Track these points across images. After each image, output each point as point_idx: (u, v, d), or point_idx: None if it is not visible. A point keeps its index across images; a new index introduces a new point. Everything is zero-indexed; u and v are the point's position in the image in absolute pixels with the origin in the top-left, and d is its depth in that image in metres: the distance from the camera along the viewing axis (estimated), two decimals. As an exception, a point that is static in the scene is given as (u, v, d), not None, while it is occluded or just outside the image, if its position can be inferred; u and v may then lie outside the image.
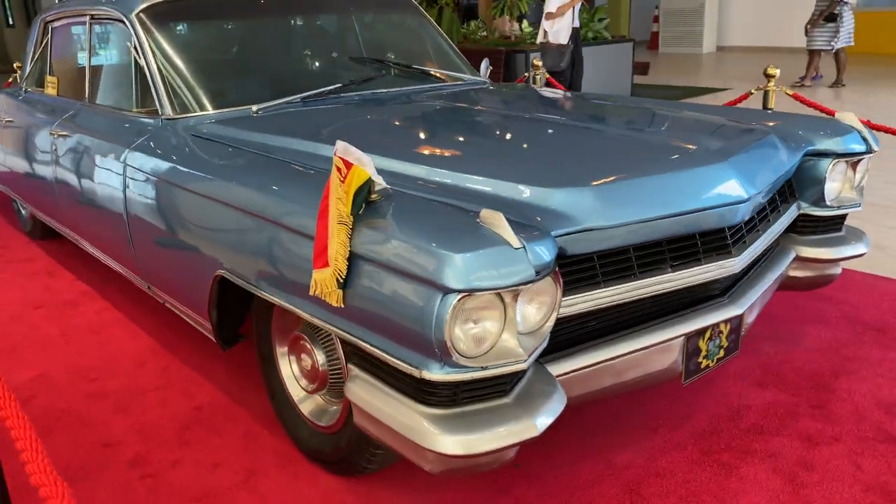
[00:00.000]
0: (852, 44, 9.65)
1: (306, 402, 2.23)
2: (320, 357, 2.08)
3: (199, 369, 2.85)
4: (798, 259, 2.52)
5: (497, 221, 1.50)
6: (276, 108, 2.72)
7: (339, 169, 1.64)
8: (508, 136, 2.39)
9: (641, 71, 9.69)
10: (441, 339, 1.47)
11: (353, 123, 2.58)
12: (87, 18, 3.41)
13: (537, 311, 1.61)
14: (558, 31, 6.53)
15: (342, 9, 3.38)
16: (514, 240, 1.48)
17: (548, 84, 4.90)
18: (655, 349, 1.95)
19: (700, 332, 2.03)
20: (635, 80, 9.51)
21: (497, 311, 1.53)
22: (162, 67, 2.81)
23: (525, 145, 2.24)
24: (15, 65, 6.30)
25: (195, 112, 2.72)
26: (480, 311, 1.51)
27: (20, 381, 2.81)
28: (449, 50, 3.58)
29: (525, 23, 8.83)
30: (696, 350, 2.06)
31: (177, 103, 2.74)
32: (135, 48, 2.90)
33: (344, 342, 1.79)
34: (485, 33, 9.19)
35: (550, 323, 1.63)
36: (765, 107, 3.84)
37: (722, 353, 2.15)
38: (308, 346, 2.11)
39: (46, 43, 3.92)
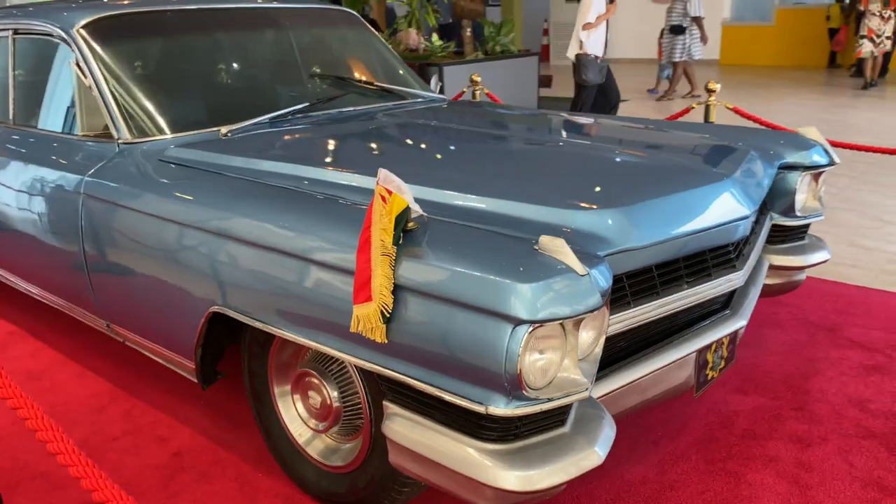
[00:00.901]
0: (700, 56, 10.34)
1: (314, 442, 2.12)
2: (333, 393, 1.98)
3: (166, 410, 2.66)
4: (770, 267, 2.63)
5: (559, 248, 1.48)
6: (244, 129, 2.58)
7: (382, 198, 1.57)
8: (513, 157, 2.36)
9: (545, 84, 9.94)
10: (513, 372, 1.42)
11: (342, 146, 2.48)
12: (9, 33, 3.13)
13: (590, 336, 1.59)
14: (595, 42, 6.25)
15: (290, 24, 3.25)
16: (579, 267, 1.46)
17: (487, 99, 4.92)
18: (674, 365, 1.98)
19: (708, 346, 2.09)
20: (540, 92, 9.75)
21: (560, 339, 1.50)
22: (114, 88, 2.61)
23: (535, 167, 2.21)
24: None
25: (156, 136, 2.54)
26: (546, 341, 1.48)
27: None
28: (399, 66, 3.52)
29: (435, 36, 8.87)
30: (704, 362, 2.11)
31: (134, 127, 2.55)
32: (78, 66, 2.67)
33: (380, 379, 1.71)
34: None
35: (600, 348, 1.62)
36: (706, 120, 4.02)
37: (723, 363, 2.21)
38: (317, 382, 2.01)
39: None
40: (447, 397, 1.54)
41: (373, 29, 3.60)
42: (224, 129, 2.55)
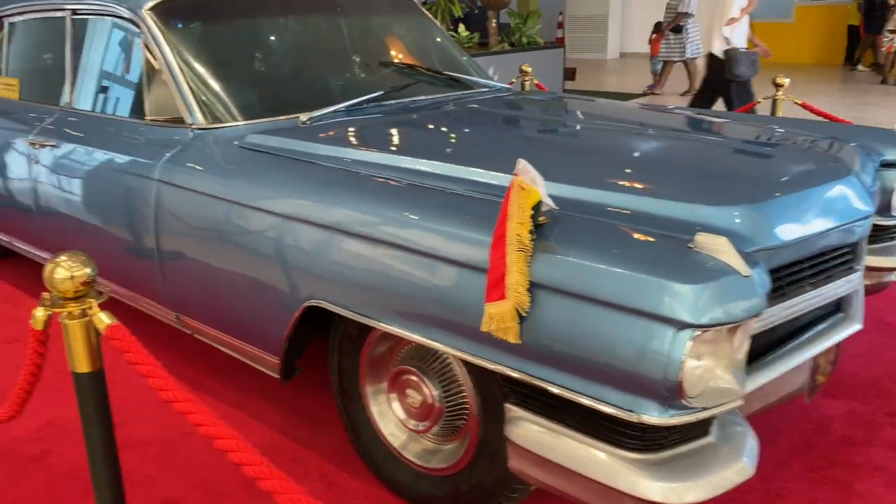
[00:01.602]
0: (701, 54, 10.15)
1: (410, 443, 2.03)
2: (435, 392, 1.89)
3: (236, 406, 2.57)
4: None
5: (721, 247, 1.39)
6: (323, 117, 2.49)
7: (522, 189, 1.48)
8: (624, 151, 2.24)
9: (569, 76, 9.83)
10: (673, 380, 1.33)
11: (436, 137, 2.39)
12: (67, 14, 3.03)
13: (740, 341, 1.50)
14: (739, 35, 6.05)
15: (357, 9, 3.15)
16: (743, 268, 1.37)
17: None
18: (794, 370, 1.89)
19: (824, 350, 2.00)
20: (564, 85, 9.64)
21: (717, 345, 1.41)
22: (186, 72, 2.51)
23: (650, 161, 2.12)
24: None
25: (231, 122, 2.45)
26: (706, 346, 1.39)
27: (28, 432, 2.43)
28: (460, 54, 3.42)
29: (462, 27, 8.76)
30: (815, 367, 2.03)
31: (208, 112, 2.45)
32: (148, 49, 2.58)
33: (504, 380, 1.62)
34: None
35: (745, 354, 1.53)
36: (772, 114, 3.92)
37: (830, 367, 2.13)
38: (417, 380, 1.92)
39: (1, 40, 3.46)
40: (588, 403, 1.45)
41: (435, 21, 3.50)
42: (303, 117, 2.46)
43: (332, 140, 2.23)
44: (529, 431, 1.59)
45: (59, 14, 3.10)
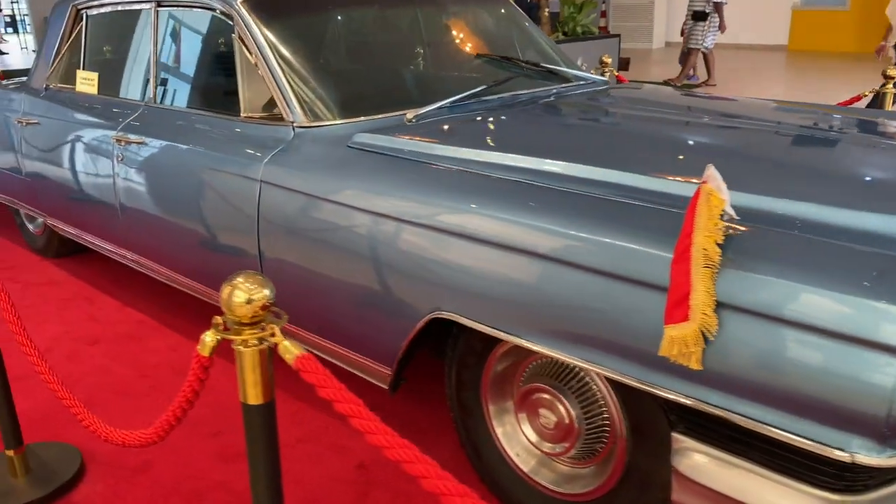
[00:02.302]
0: (712, 45, 9.72)
1: (541, 465, 1.90)
2: (574, 412, 1.76)
3: (334, 415, 2.46)
4: None
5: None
6: (429, 114, 2.36)
7: (711, 197, 1.33)
8: (792, 155, 2.03)
9: (623, 66, 9.59)
10: (897, 417, 1.18)
11: (563, 136, 2.24)
12: (152, 6, 2.93)
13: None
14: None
15: (451, 2, 3.01)
16: (978, 291, 1.21)
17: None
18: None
19: None
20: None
21: None
22: (285, 67, 2.40)
23: (830, 166, 1.91)
24: None
25: (334, 120, 2.33)
26: None
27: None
28: (551, 46, 3.27)
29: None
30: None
31: (309, 110, 2.34)
32: (243, 42, 2.47)
33: (672, 407, 1.48)
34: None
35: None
36: (881, 108, 3.71)
37: None
38: (551, 399, 1.79)
39: (80, 32, 3.38)
40: (782, 437, 1.30)
41: (521, 11, 3.34)
42: (410, 114, 2.33)
43: (449, 139, 2.10)
44: (703, 464, 1.45)
45: (143, 6, 3.01)
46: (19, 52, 17.92)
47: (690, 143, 2.15)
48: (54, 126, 3.31)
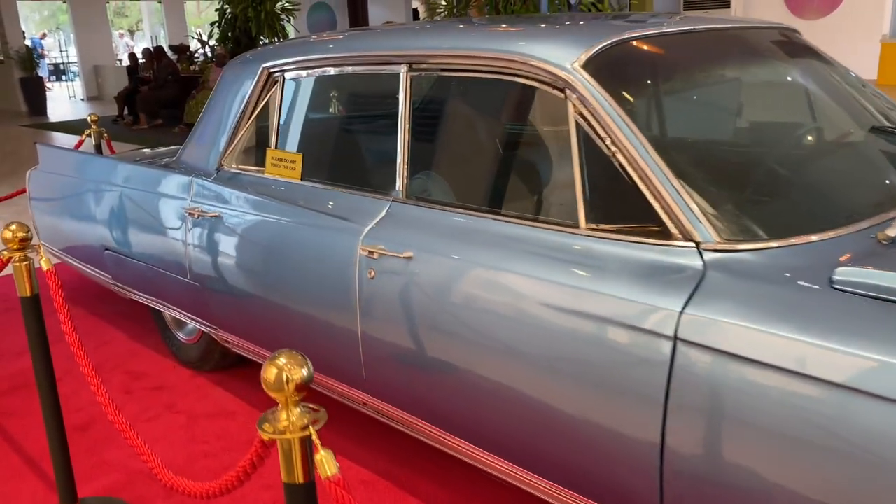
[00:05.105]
0: None
1: None
2: None
3: None
4: None
5: None
6: (900, 230, 1.57)
7: None
8: None
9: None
10: None
11: None
12: (403, 68, 2.19)
13: None
14: None
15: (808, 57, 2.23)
16: None
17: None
18: None
19: None
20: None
21: None
22: (670, 161, 1.63)
23: None
24: (89, 117, 4.93)
25: (768, 241, 1.55)
26: None
27: None
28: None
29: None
30: None
31: (723, 224, 1.57)
32: (589, 125, 1.71)
33: None
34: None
35: None
36: None
37: None
38: None
39: (273, 100, 2.65)
40: None
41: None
42: (882, 235, 1.55)
43: None
44: None
45: (382, 69, 2.27)
46: (67, 100, 17.50)
47: None
48: (248, 224, 2.54)
